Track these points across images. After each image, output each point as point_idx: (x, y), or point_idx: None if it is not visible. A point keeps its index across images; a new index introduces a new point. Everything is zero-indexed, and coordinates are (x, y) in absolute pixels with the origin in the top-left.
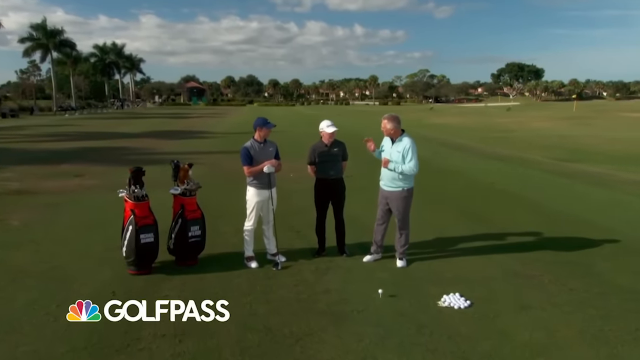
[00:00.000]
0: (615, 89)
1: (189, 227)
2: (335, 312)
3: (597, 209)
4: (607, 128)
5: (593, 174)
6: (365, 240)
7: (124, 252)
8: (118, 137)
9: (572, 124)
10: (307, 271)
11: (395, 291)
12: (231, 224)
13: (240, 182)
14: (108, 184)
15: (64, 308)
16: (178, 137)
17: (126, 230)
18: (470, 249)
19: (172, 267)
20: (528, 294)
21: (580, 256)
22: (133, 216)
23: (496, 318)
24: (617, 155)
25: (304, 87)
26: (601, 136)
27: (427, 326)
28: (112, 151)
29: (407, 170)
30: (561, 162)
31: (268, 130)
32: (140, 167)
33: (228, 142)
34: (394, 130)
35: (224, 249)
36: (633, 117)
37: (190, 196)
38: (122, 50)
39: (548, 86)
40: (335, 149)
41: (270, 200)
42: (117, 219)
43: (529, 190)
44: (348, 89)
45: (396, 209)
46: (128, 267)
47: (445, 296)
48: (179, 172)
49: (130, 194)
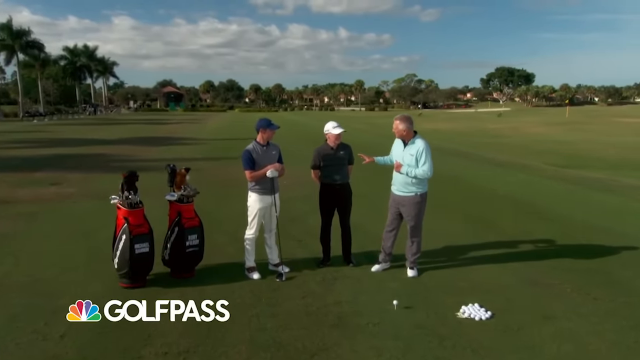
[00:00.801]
0: (607, 94)
1: (187, 235)
2: (349, 325)
3: (608, 215)
4: (601, 133)
5: (595, 179)
6: (370, 249)
7: (116, 263)
8: (94, 144)
9: (567, 129)
10: (314, 282)
11: (410, 302)
12: (226, 233)
13: (229, 188)
14: (88, 192)
15: (53, 326)
16: (159, 143)
17: (119, 239)
18: (482, 257)
19: (167, 279)
20: (550, 304)
21: (599, 264)
22: (127, 224)
23: (520, 330)
24: (614, 161)
25: (286, 92)
26: (597, 141)
27: (448, 339)
28: (89, 158)
29: (421, 174)
30: (561, 169)
31: (272, 132)
32: (134, 171)
33: (212, 148)
34: (407, 132)
35: (220, 260)
36: (627, 122)
37: (187, 203)
38: (94, 53)
39: (539, 91)
40: (342, 152)
41: (273, 207)
42: (101, 228)
43: (534, 196)
44: (333, 95)
45: (408, 215)
46: (120, 280)
47: (464, 307)
48: (175, 177)
49: (124, 201)
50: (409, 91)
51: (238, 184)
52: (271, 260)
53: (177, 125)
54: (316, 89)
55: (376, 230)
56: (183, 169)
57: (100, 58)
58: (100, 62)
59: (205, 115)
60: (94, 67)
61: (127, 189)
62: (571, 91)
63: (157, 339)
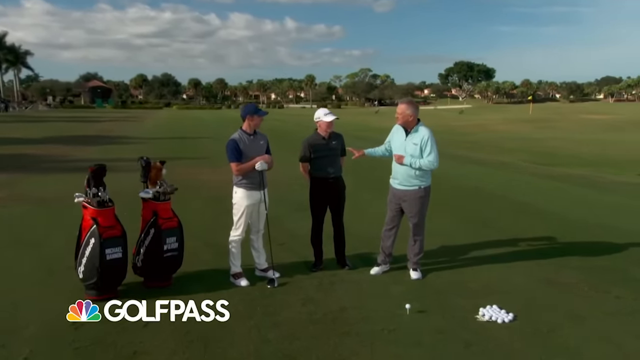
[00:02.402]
0: (569, 91)
1: (164, 238)
2: (362, 333)
3: (603, 212)
4: (570, 131)
5: (580, 176)
6: (362, 251)
7: (81, 272)
8: (15, 143)
9: (534, 127)
10: (310, 287)
11: (422, 306)
12: (197, 238)
13: (189, 190)
14: (20, 195)
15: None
16: (94, 142)
17: (85, 244)
18: (486, 257)
19: (140, 289)
20: (573, 304)
21: (610, 261)
22: (95, 226)
23: (551, 332)
24: (591, 159)
25: (229, 88)
26: (568, 139)
27: (475, 344)
28: (12, 159)
29: (427, 165)
30: (542, 166)
31: (260, 119)
32: (103, 164)
33: (159, 147)
34: (413, 118)
35: (198, 267)
36: (593, 119)
37: (164, 201)
38: (3, 40)
39: (500, 87)
40: (334, 142)
41: (262, 204)
42: (49, 235)
43: (523, 194)
44: (281, 91)
45: (411, 211)
46: (86, 292)
47: (482, 309)
48: (149, 172)
49: (92, 199)
50: (363, 87)
51: (198, 185)
52: (258, 265)
53: (110, 124)
54: (262, 84)
55: (364, 232)
56: (158, 162)
57: (10, 46)
58: (10, 51)
59: (140, 113)
60: (3, 56)
61: (95, 184)
62: (532, 87)
63: (145, 357)
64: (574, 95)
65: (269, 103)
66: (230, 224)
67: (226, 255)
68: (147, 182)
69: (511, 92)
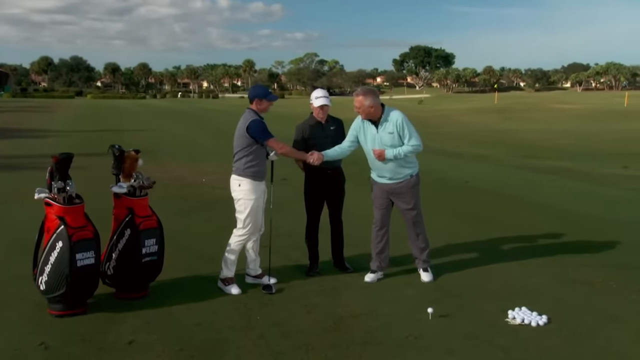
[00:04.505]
0: (535, 79)
1: (142, 240)
2: (386, 341)
3: (606, 205)
4: (543, 122)
5: (568, 169)
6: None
7: (44, 283)
8: None
9: (504, 118)
10: (312, 293)
11: (443, 310)
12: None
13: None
14: None
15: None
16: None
17: (50, 249)
18: (495, 255)
19: (112, 302)
20: (606, 304)
21: (631, 258)
22: (63, 227)
23: (592, 334)
24: (571, 151)
25: (154, 74)
26: (542, 130)
27: (512, 349)
28: None
29: (412, 150)
30: (525, 159)
31: (269, 104)
32: (70, 152)
33: (84, 141)
34: (375, 108)
35: (175, 274)
36: (564, 109)
37: (141, 196)
38: None
39: (460, 75)
40: (332, 128)
41: (265, 198)
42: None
43: (514, 188)
44: (214, 78)
45: (408, 204)
46: (49, 306)
47: (511, 312)
48: (123, 162)
49: (58, 194)
50: (309, 74)
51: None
52: (251, 270)
53: (12, 115)
54: (192, 70)
55: (353, 230)
56: (132, 151)
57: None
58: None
59: (47, 102)
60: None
61: (61, 177)
62: (496, 75)
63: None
64: (540, 84)
65: (201, 92)
66: (197, 225)
67: (204, 260)
68: (120, 175)
69: (472, 80)
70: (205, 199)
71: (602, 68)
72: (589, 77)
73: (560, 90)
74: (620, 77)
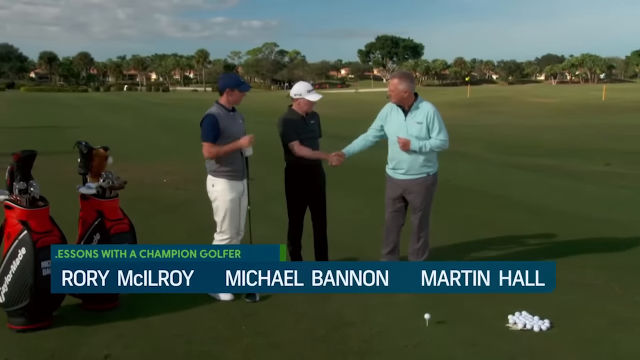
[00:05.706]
0: (508, 71)
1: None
2: (384, 351)
3: (595, 204)
4: (520, 116)
5: (554, 167)
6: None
7: (3, 295)
8: None
9: (477, 112)
10: (299, 300)
11: (440, 316)
12: None
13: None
14: None
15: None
16: None
17: (10, 256)
18: (491, 257)
19: (79, 314)
20: (610, 307)
21: (630, 259)
22: (27, 232)
23: (599, 340)
24: (552, 147)
25: (96, 65)
26: (520, 125)
27: (518, 356)
28: None
29: (439, 145)
30: (507, 156)
31: (241, 94)
32: (32, 150)
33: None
34: (408, 94)
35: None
36: (541, 102)
37: (110, 198)
38: None
39: (430, 67)
40: (312, 122)
41: (244, 198)
42: None
43: (499, 186)
44: (164, 70)
45: (417, 203)
46: (10, 320)
47: (511, 317)
48: (91, 161)
49: (20, 196)
50: (268, 66)
51: None
52: None
53: None
54: (139, 61)
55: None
56: (101, 149)
57: None
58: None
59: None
60: None
61: (23, 177)
62: (467, 67)
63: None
64: (513, 76)
65: (150, 85)
66: (165, 229)
67: None
68: (88, 175)
69: (443, 73)
70: (170, 202)
71: (578, 60)
72: (563, 69)
73: (535, 84)
74: (596, 70)
